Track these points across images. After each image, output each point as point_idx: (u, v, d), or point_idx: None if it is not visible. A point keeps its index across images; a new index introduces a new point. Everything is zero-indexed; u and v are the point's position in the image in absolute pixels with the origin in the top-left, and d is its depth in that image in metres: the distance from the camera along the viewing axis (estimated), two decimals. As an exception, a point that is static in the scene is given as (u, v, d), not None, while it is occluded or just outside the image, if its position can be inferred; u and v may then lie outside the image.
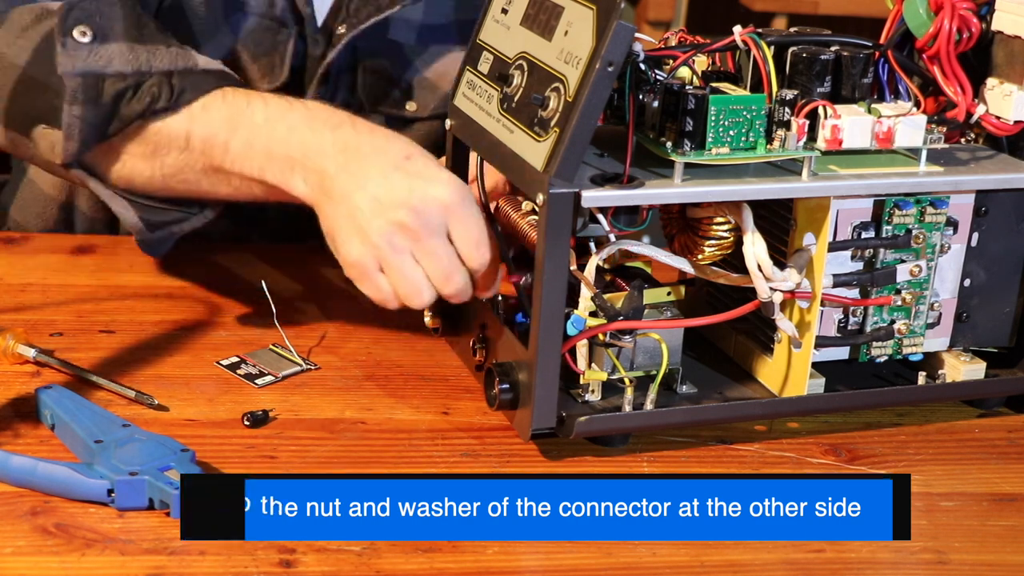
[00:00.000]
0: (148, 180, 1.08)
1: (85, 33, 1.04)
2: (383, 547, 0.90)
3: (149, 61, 1.05)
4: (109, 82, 1.04)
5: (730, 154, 0.97)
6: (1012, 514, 0.99)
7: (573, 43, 0.95)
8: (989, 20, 1.05)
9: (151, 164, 1.07)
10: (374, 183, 1.00)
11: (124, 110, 1.04)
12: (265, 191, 1.07)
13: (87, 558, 0.87)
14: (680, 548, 0.92)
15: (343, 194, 1.01)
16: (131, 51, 1.05)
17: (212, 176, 1.07)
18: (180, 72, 1.05)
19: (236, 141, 1.04)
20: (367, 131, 1.04)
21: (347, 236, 1.00)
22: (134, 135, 1.05)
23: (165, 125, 1.05)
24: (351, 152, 1.02)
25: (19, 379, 1.08)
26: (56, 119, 1.05)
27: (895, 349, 1.07)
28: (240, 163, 1.05)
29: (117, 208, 1.10)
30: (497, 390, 1.00)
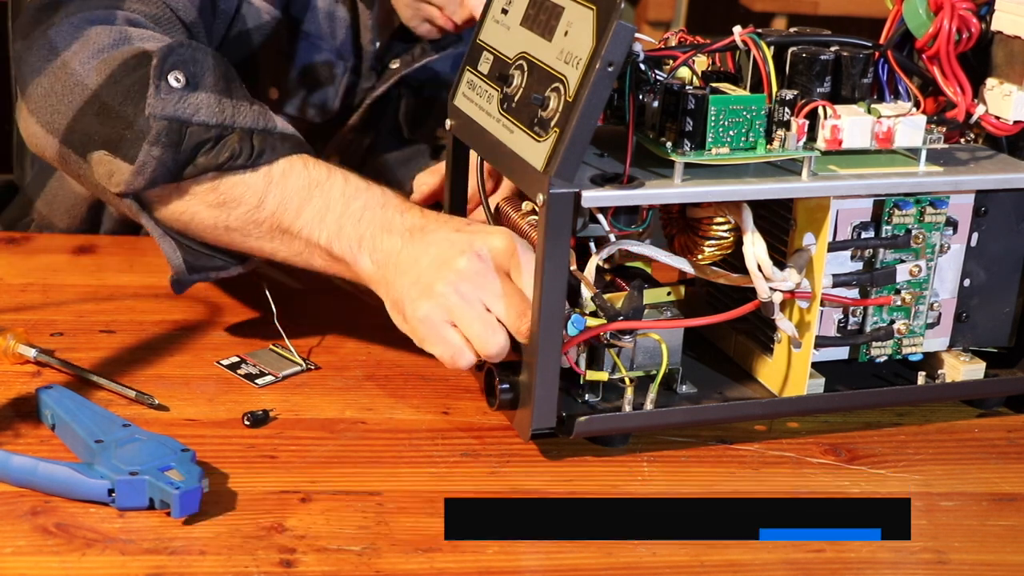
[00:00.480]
0: (208, 228, 1.08)
1: (179, 79, 1.05)
2: (383, 547, 0.90)
3: (234, 116, 1.06)
4: (193, 131, 1.05)
5: (730, 154, 0.97)
6: (1012, 514, 0.99)
7: (573, 43, 0.95)
8: (989, 20, 1.05)
9: (216, 214, 1.07)
10: (436, 247, 1.01)
11: (201, 160, 1.05)
12: (326, 263, 1.07)
13: (87, 558, 0.87)
14: (680, 548, 0.92)
15: (409, 263, 1.01)
16: (219, 104, 1.06)
17: (276, 238, 1.07)
18: (260, 131, 1.07)
19: (310, 209, 1.05)
20: (434, 215, 1.05)
21: (414, 298, 1.00)
22: (207, 184, 1.06)
23: (242, 181, 1.06)
24: (416, 230, 1.03)
25: (19, 379, 1.09)
26: (121, 148, 1.05)
27: (895, 349, 1.07)
28: (309, 230, 1.05)
29: (166, 248, 1.10)
30: (497, 390, 1.00)
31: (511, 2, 1.06)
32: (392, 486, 0.97)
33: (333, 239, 1.05)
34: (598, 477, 1.00)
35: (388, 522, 0.93)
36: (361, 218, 1.05)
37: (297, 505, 0.94)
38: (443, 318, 0.99)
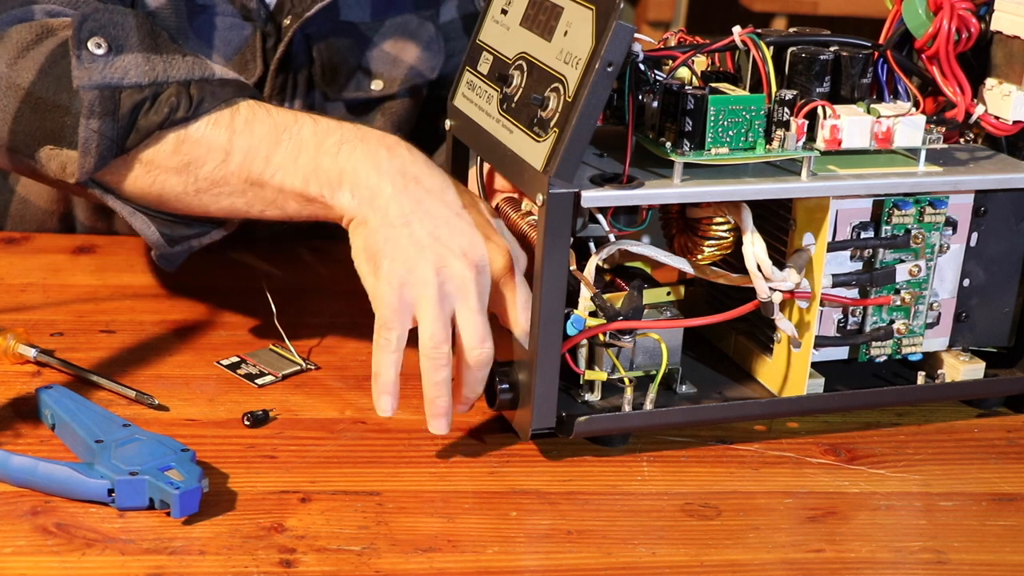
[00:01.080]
0: (178, 196, 1.05)
1: (100, 45, 1.03)
2: (383, 547, 0.90)
3: (166, 71, 1.03)
4: (126, 94, 1.03)
5: (729, 154, 0.98)
6: (1011, 514, 0.99)
7: (572, 43, 0.95)
8: (988, 20, 1.05)
9: (184, 179, 1.04)
10: (435, 222, 0.97)
11: (142, 122, 1.03)
12: (300, 206, 1.03)
13: (87, 558, 0.87)
14: (680, 548, 0.92)
15: (402, 219, 0.98)
16: (147, 62, 1.03)
17: (249, 190, 1.04)
18: (197, 81, 1.04)
19: (280, 152, 1.02)
20: (424, 163, 1.01)
21: (391, 261, 0.97)
22: (168, 148, 1.04)
23: (204, 137, 1.03)
24: (410, 179, 0.99)
25: (20, 379, 1.09)
26: (65, 138, 1.03)
27: (894, 349, 1.08)
28: (282, 174, 1.02)
29: (138, 224, 1.08)
30: (497, 390, 1.00)
31: (510, 2, 1.06)
32: (392, 486, 0.97)
33: (309, 179, 1.01)
34: (598, 477, 1.00)
35: (388, 522, 0.93)
36: (339, 152, 1.01)
37: (297, 505, 0.94)
38: (411, 299, 0.97)
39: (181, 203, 1.06)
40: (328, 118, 1.05)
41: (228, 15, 1.29)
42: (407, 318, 0.97)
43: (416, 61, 1.38)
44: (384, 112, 1.39)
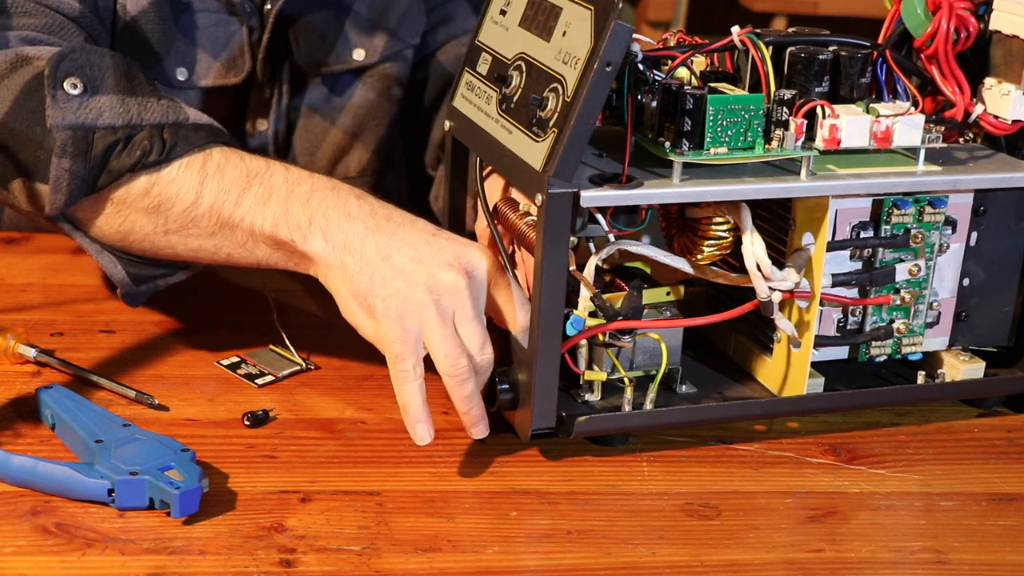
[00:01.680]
0: (147, 236, 1.05)
1: (76, 85, 1.03)
2: (383, 547, 0.90)
3: (140, 114, 1.03)
4: (99, 135, 1.02)
5: (728, 154, 0.98)
6: (1011, 514, 0.99)
7: (571, 43, 0.95)
8: (987, 20, 1.05)
9: (154, 219, 1.04)
10: (414, 247, 0.97)
11: (114, 163, 1.02)
12: (270, 250, 1.03)
13: (87, 558, 0.87)
14: (680, 548, 0.92)
15: (381, 254, 0.97)
16: (122, 104, 1.03)
17: (219, 232, 1.03)
18: (171, 125, 1.04)
19: (251, 196, 1.02)
20: (392, 206, 1.02)
21: (387, 297, 0.96)
22: (139, 189, 1.03)
23: (176, 179, 1.03)
24: (380, 218, 0.99)
25: (20, 379, 1.09)
26: (37, 172, 1.03)
27: (894, 348, 1.08)
28: (252, 217, 1.01)
29: (105, 263, 1.08)
30: (497, 390, 1.00)
31: (509, 3, 1.06)
32: (392, 486, 0.97)
33: (279, 221, 1.00)
34: (598, 477, 1.00)
35: (388, 522, 0.93)
36: (309, 199, 1.00)
37: (297, 505, 0.94)
38: (416, 326, 0.96)
39: (149, 243, 1.06)
40: (300, 168, 1.05)
41: (213, 11, 1.29)
42: (418, 346, 0.97)
43: (396, 26, 1.38)
44: (365, 82, 1.38)
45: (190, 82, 1.31)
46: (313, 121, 1.38)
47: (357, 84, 1.38)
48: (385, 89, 1.39)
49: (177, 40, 1.28)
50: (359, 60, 1.36)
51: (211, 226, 1.03)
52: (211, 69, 1.31)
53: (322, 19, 1.34)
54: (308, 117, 1.38)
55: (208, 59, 1.30)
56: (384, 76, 1.39)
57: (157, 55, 1.28)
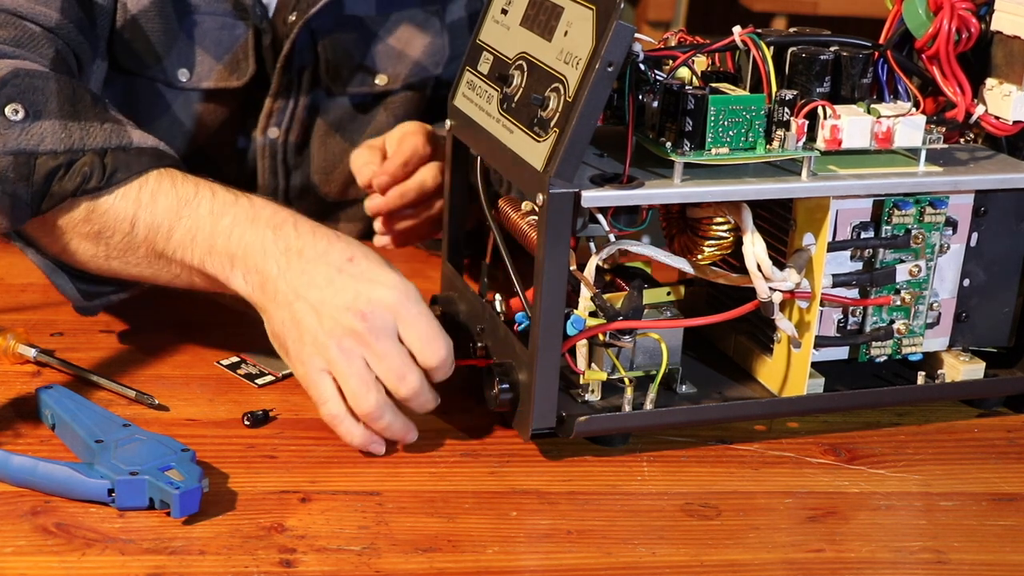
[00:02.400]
0: (92, 258, 1.07)
1: (17, 111, 1.03)
2: (383, 547, 0.90)
3: (83, 139, 1.04)
4: (41, 160, 1.03)
5: (729, 154, 0.98)
6: (1011, 514, 0.99)
7: (573, 43, 0.95)
8: (988, 20, 1.05)
9: (95, 246, 1.06)
10: (317, 289, 0.98)
11: (56, 188, 1.03)
12: (205, 282, 1.05)
13: (87, 558, 0.87)
14: (680, 548, 0.92)
15: (286, 299, 0.99)
16: (64, 129, 1.04)
17: (155, 262, 1.05)
18: (114, 150, 1.04)
19: (180, 230, 1.03)
20: (309, 232, 1.01)
21: (294, 340, 0.99)
22: (80, 215, 1.05)
23: (112, 208, 1.04)
24: (293, 254, 1.00)
25: (20, 379, 1.09)
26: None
27: (894, 349, 1.08)
28: (182, 252, 1.03)
29: (56, 279, 1.10)
30: (497, 390, 1.00)
31: (511, 2, 1.06)
32: (392, 486, 0.97)
33: (205, 260, 1.02)
34: (598, 477, 1.00)
35: (388, 522, 0.93)
36: (231, 235, 1.02)
37: (297, 505, 0.94)
38: (322, 367, 0.98)
39: (95, 265, 1.07)
40: (226, 191, 1.05)
41: (220, 14, 1.30)
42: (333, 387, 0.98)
43: (421, 56, 1.39)
44: (387, 107, 1.40)
45: (191, 83, 1.31)
46: (332, 140, 1.39)
47: (378, 108, 1.40)
48: (405, 115, 1.40)
49: (180, 41, 1.29)
50: (381, 85, 1.38)
51: (148, 256, 1.05)
52: (213, 71, 1.31)
53: (350, 40, 1.36)
54: (327, 135, 1.39)
55: (210, 61, 1.31)
56: (405, 102, 1.40)
57: (157, 54, 1.29)
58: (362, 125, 1.40)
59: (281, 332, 1.00)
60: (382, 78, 1.38)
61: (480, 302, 1.08)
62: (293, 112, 1.36)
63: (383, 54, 1.38)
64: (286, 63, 1.32)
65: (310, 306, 0.98)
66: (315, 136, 1.39)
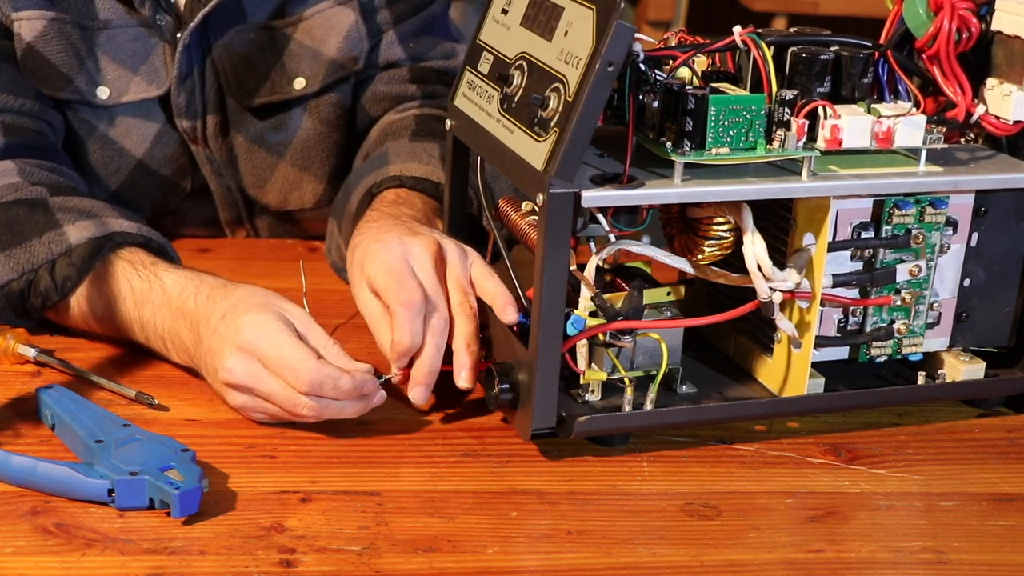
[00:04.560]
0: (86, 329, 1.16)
1: None
2: (383, 547, 0.90)
3: (29, 260, 1.12)
4: (7, 291, 1.13)
5: (730, 154, 0.97)
6: (1012, 514, 0.99)
7: (573, 43, 0.95)
8: (989, 20, 1.05)
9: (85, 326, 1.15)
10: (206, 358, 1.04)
11: (30, 305, 1.13)
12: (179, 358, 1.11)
13: (87, 558, 0.87)
14: (680, 548, 0.92)
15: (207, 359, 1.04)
16: (9, 259, 1.13)
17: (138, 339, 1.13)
18: (59, 258, 1.12)
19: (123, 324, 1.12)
20: (204, 300, 1.07)
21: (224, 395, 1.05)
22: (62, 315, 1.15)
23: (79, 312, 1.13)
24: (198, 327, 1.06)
25: (20, 379, 1.09)
26: None
27: (895, 349, 1.07)
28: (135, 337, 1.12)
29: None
30: (497, 390, 1.00)
31: (511, 2, 1.06)
32: (392, 486, 0.97)
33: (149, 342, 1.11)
34: (598, 477, 1.00)
35: (388, 522, 0.93)
36: (156, 323, 1.09)
37: (297, 505, 0.94)
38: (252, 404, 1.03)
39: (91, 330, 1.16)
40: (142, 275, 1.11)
41: (131, 26, 1.28)
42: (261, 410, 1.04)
43: (337, 53, 1.32)
44: (311, 112, 1.34)
45: (112, 99, 1.29)
46: (257, 156, 1.34)
47: (302, 114, 1.34)
48: (332, 118, 1.34)
49: (91, 59, 1.27)
50: (299, 90, 1.32)
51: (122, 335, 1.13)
52: (131, 84, 1.29)
53: (253, 48, 1.30)
54: (250, 151, 1.34)
55: (127, 75, 1.28)
56: (331, 105, 1.34)
57: (66, 76, 1.27)
58: (287, 134, 1.34)
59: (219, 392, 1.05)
60: (300, 81, 1.31)
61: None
62: (204, 129, 1.31)
63: (298, 56, 1.31)
64: (179, 84, 1.28)
65: (209, 374, 1.05)
66: (239, 150, 1.34)
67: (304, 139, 1.34)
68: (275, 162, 1.34)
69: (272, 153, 1.34)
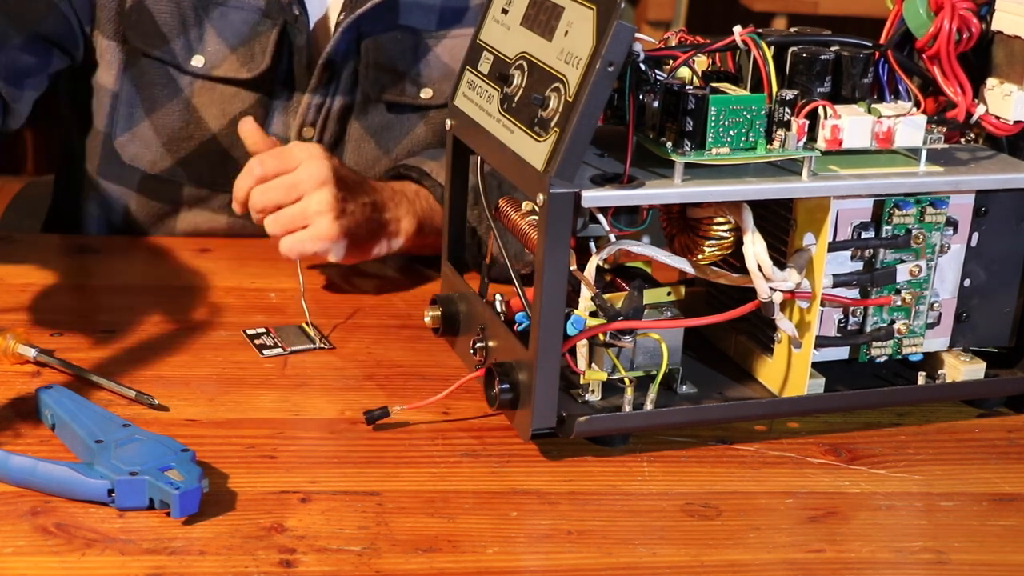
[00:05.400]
0: None
1: None
2: (383, 547, 0.90)
3: None
4: None
5: (730, 154, 0.97)
6: (1012, 514, 0.99)
7: (573, 43, 0.95)
8: (989, 20, 1.05)
9: None
10: None
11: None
12: None
13: (87, 558, 0.87)
14: (680, 548, 0.92)
15: None
16: None
17: None
18: None
19: None
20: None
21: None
22: None
23: None
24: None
25: (19, 379, 1.08)
26: None
27: (895, 349, 1.07)
28: None
29: None
30: (497, 390, 1.00)
31: (511, 2, 1.06)
32: (392, 486, 0.97)
33: None
34: (598, 477, 1.00)
35: (388, 522, 0.93)
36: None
37: (297, 505, 0.94)
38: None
39: None
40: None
41: (247, 9, 1.33)
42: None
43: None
44: (428, 121, 1.40)
45: (203, 70, 1.34)
46: (367, 146, 1.40)
47: (419, 121, 1.40)
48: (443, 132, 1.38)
49: (196, 28, 1.32)
50: (424, 99, 1.38)
51: None
52: (224, 60, 1.33)
53: (398, 50, 1.36)
54: (361, 139, 1.39)
55: (224, 51, 1.34)
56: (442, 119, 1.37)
57: (164, 36, 1.32)
58: (399, 135, 1.40)
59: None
60: (427, 91, 1.38)
61: (480, 302, 1.08)
62: (328, 111, 1.37)
63: (433, 68, 1.38)
64: (328, 61, 1.34)
65: None
66: (350, 139, 1.39)
67: (414, 143, 1.40)
68: (380, 158, 1.39)
69: (380, 148, 1.40)
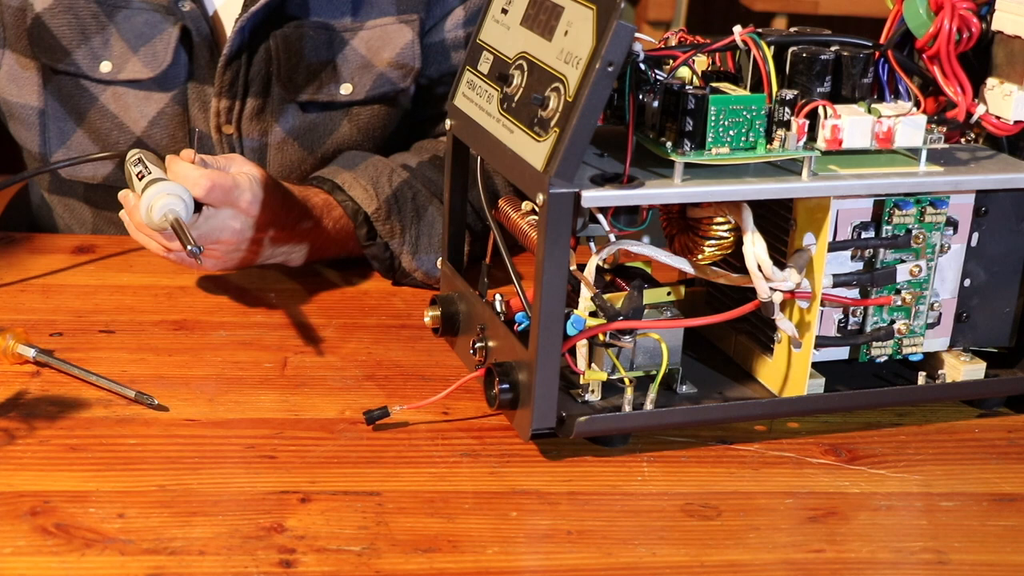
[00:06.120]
0: None
1: None
2: (383, 547, 0.90)
3: None
4: None
5: (730, 154, 0.97)
6: (1012, 514, 0.99)
7: (573, 43, 0.95)
8: (989, 20, 1.05)
9: None
10: None
11: None
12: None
13: (87, 558, 0.87)
14: (680, 548, 0.92)
15: None
16: None
17: None
18: None
19: None
20: None
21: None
22: None
23: None
24: None
25: (19, 379, 1.08)
26: None
27: (895, 349, 1.07)
28: None
29: None
30: (497, 390, 1.00)
31: (511, 2, 1.06)
32: (392, 486, 0.97)
33: None
34: (598, 477, 1.00)
35: (388, 522, 0.93)
36: None
37: (297, 505, 0.94)
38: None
39: None
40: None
41: (147, 10, 1.32)
42: None
43: (387, 67, 1.36)
44: (352, 119, 1.37)
45: (110, 75, 1.34)
46: (289, 148, 1.37)
47: (342, 119, 1.37)
48: (369, 128, 1.38)
49: (101, 35, 1.32)
50: (345, 95, 1.35)
51: None
52: (129, 63, 1.33)
53: (310, 46, 1.33)
54: (284, 142, 1.37)
55: (128, 54, 1.33)
56: (371, 116, 1.37)
57: (65, 49, 1.33)
58: (323, 134, 1.37)
59: None
60: (347, 87, 1.35)
61: (480, 302, 1.08)
62: (240, 113, 1.34)
63: (351, 62, 1.34)
64: (227, 62, 1.32)
65: None
66: (272, 141, 1.36)
67: (340, 143, 1.38)
68: (304, 158, 1.37)
69: (304, 149, 1.37)
